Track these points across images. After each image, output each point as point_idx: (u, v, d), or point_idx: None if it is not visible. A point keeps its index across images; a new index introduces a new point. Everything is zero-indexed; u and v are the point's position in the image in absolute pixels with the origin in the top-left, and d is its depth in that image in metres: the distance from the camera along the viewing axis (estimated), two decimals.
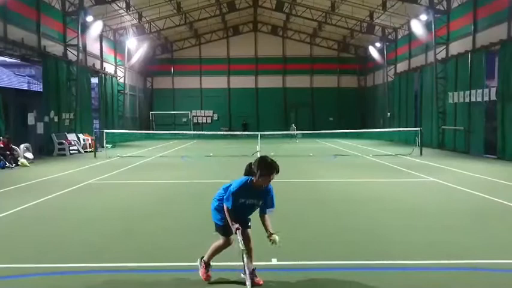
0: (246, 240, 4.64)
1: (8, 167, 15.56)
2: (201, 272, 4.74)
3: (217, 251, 4.76)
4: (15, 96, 21.58)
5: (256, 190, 4.37)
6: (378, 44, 35.20)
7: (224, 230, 4.68)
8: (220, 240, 4.75)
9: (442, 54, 24.16)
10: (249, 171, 4.45)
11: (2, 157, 15.78)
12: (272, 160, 4.32)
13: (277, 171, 4.32)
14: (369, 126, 36.82)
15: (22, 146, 17.50)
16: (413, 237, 6.51)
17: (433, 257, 5.51)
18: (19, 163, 16.17)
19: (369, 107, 40.73)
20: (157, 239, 6.51)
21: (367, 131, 30.62)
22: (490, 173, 13.63)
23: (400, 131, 27.22)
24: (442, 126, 24.09)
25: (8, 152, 16.21)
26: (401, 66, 31.89)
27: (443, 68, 24.04)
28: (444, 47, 24.11)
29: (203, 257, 4.80)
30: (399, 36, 32.51)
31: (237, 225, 4.43)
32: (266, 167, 4.26)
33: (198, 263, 4.82)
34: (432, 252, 5.72)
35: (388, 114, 33.93)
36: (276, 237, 4.39)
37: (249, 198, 4.39)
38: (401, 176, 13.44)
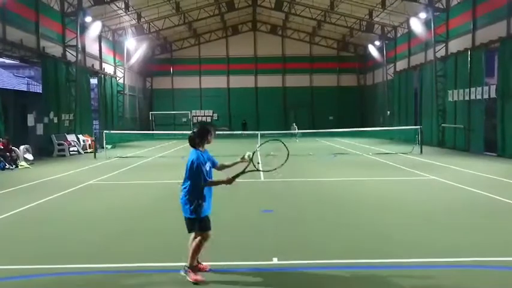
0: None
1: (8, 169, 15.56)
2: (192, 277, 4.68)
3: (198, 250, 4.74)
4: (15, 98, 21.54)
5: (204, 155, 4.89)
6: (377, 43, 35.17)
7: (201, 224, 4.71)
8: (197, 239, 4.74)
9: (441, 52, 24.15)
10: (194, 144, 4.89)
11: (2, 158, 15.77)
12: (208, 122, 4.93)
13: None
14: (368, 125, 36.78)
15: (22, 147, 17.49)
16: (414, 235, 6.50)
17: (434, 255, 5.51)
18: (19, 166, 16.15)
19: (369, 105, 40.71)
20: (158, 239, 6.51)
21: (367, 130, 30.60)
22: (490, 170, 13.62)
23: (400, 129, 27.21)
24: (442, 124, 24.08)
25: (7, 153, 16.20)
26: (401, 65, 31.87)
27: (443, 66, 24.01)
28: (443, 45, 24.09)
29: (185, 265, 4.76)
30: (398, 35, 32.50)
31: (228, 179, 4.84)
32: (211, 129, 5.03)
33: (183, 273, 4.73)
34: (433, 250, 5.72)
35: (388, 112, 33.91)
36: (247, 153, 5.07)
37: (206, 163, 4.84)
38: (402, 174, 13.43)
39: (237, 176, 4.85)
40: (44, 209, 8.79)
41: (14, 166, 15.94)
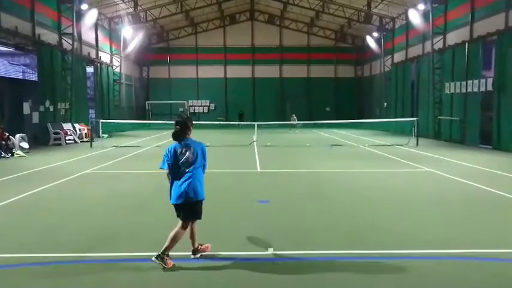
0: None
1: (4, 157, 15.50)
2: (166, 264, 4.81)
3: (178, 239, 4.96)
4: (10, 86, 21.38)
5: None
6: (375, 34, 35.04)
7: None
8: (180, 226, 4.98)
9: (439, 44, 24.12)
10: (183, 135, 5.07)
11: None
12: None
13: None
14: (365, 116, 36.83)
15: (17, 135, 17.40)
16: (409, 227, 6.56)
17: (428, 247, 5.58)
18: (15, 155, 16.09)
19: (366, 97, 40.71)
20: (154, 228, 6.54)
21: (363, 121, 30.63)
22: (485, 163, 13.71)
23: (396, 121, 27.26)
24: (438, 117, 24.15)
25: (3, 142, 16.13)
26: (399, 56, 31.82)
27: (440, 58, 24.00)
28: (441, 37, 24.05)
29: (159, 254, 4.85)
30: (397, 26, 32.36)
31: None
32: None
33: (157, 262, 4.81)
34: (427, 242, 5.79)
35: (385, 104, 33.94)
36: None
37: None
38: (397, 166, 13.50)
39: None
40: (39, 198, 8.79)
41: (9, 155, 15.88)
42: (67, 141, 21.45)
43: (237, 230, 6.41)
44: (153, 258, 4.83)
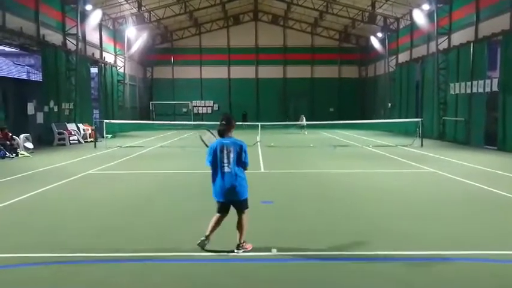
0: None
1: (8, 157, 15.56)
2: (249, 247, 5.35)
3: (246, 226, 5.42)
4: (15, 86, 21.48)
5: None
6: (379, 34, 34.92)
7: (247, 202, 5.49)
8: (246, 216, 5.36)
9: (444, 45, 23.99)
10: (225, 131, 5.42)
11: (2, 147, 15.75)
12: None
13: None
14: (369, 117, 36.72)
15: (22, 136, 17.47)
16: (410, 227, 6.51)
17: (430, 248, 5.53)
18: (19, 155, 16.14)
19: (370, 97, 40.58)
20: (155, 229, 6.52)
21: (367, 122, 30.51)
22: (490, 164, 13.60)
23: (401, 122, 27.13)
24: (443, 117, 24.02)
25: (8, 142, 16.19)
26: (403, 57, 31.70)
27: (445, 59, 23.88)
28: (446, 37, 23.93)
29: (238, 245, 5.34)
30: (401, 26, 32.24)
31: None
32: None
33: (240, 251, 5.28)
34: (428, 243, 5.74)
35: (389, 104, 33.82)
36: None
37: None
38: (401, 166, 13.42)
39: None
40: (43, 198, 8.80)
41: (14, 155, 15.94)
42: (71, 142, 21.52)
43: None
44: (235, 251, 5.26)
